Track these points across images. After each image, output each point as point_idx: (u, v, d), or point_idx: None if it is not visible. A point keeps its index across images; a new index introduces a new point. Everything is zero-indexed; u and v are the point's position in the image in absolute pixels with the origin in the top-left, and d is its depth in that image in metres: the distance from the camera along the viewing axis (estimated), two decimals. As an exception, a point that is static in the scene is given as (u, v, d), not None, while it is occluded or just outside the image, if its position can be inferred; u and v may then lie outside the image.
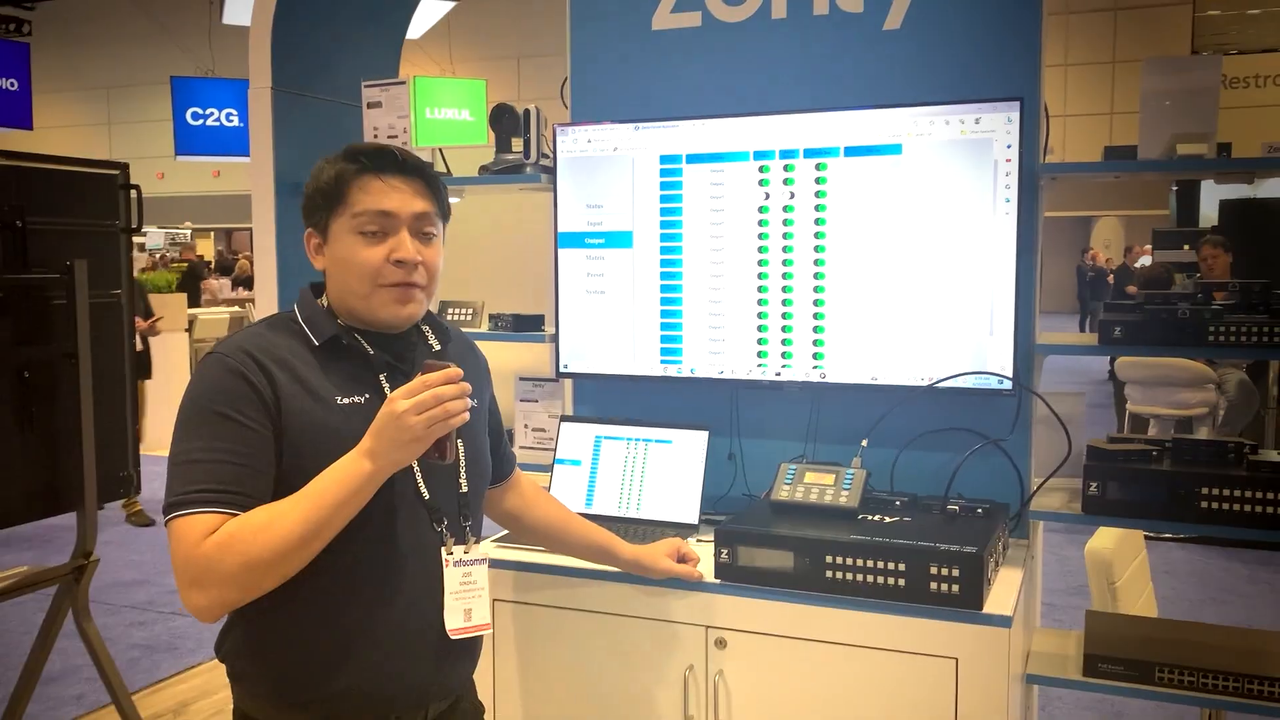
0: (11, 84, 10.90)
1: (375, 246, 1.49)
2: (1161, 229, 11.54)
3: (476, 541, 1.59)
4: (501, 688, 2.26)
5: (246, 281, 15.23)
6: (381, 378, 1.52)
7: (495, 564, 2.23)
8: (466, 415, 1.40)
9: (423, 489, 1.53)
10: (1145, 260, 14.12)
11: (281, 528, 1.35)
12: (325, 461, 1.40)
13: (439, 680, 1.57)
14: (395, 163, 1.52)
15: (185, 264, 14.25)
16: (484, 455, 1.69)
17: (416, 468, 1.51)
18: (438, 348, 1.62)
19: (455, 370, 1.39)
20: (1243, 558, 5.51)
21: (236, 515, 1.37)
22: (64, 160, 3.00)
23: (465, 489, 1.59)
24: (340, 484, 1.38)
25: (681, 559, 2.05)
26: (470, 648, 1.62)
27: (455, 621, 1.55)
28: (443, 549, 1.54)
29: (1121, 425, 6.66)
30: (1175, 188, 12.11)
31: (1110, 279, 15.36)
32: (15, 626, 4.55)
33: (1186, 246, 10.13)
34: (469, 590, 1.56)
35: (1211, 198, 11.14)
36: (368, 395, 1.49)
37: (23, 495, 2.79)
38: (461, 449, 1.58)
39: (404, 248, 1.49)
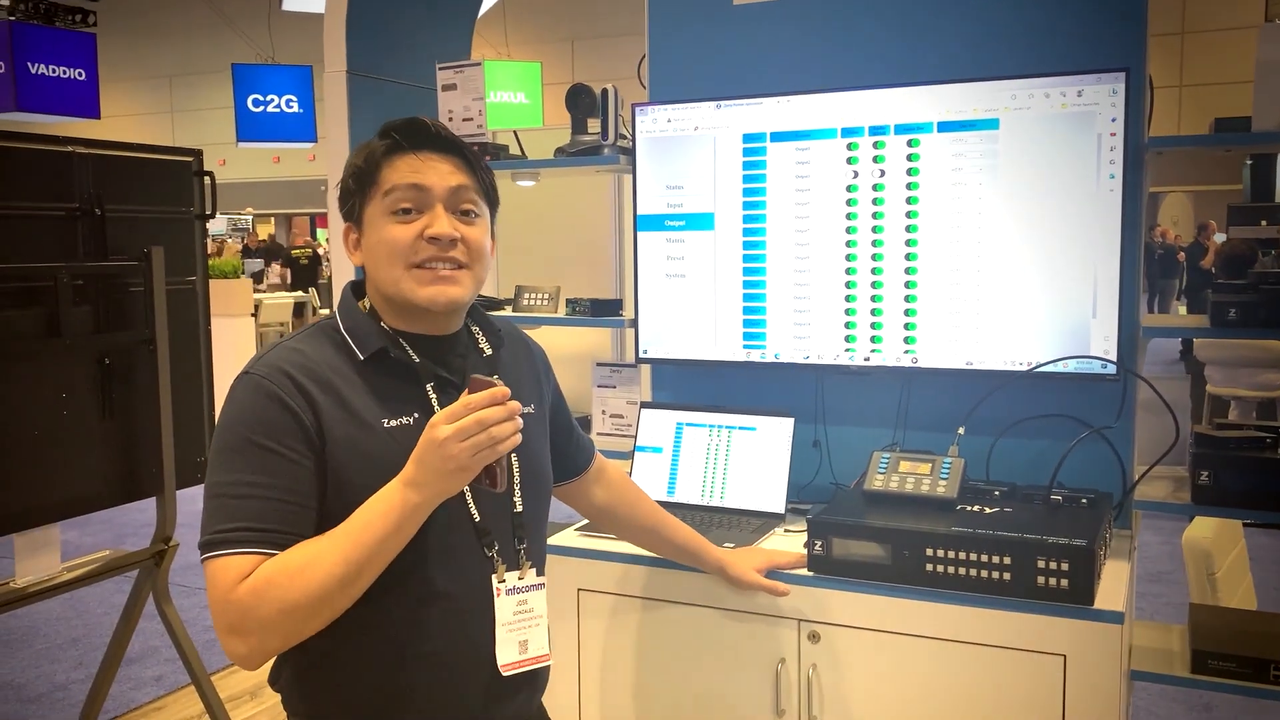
0: (79, 74, 11.10)
1: (408, 224, 1.35)
2: (1237, 204, 11.19)
3: (533, 566, 1.45)
4: (588, 679, 2.23)
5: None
6: (429, 389, 1.39)
7: (578, 553, 2.20)
8: (517, 439, 1.26)
9: (472, 510, 1.39)
10: (1220, 237, 13.71)
11: (320, 569, 1.23)
12: (373, 492, 1.28)
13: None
14: (428, 136, 1.38)
15: (307, 250, 14.38)
16: (543, 468, 1.55)
17: (466, 488, 1.37)
18: (489, 352, 1.48)
19: (502, 390, 1.24)
20: (1331, 545, 5.32)
21: (275, 555, 1.25)
22: (140, 148, 3.01)
23: (520, 508, 1.45)
24: (383, 518, 1.25)
25: (771, 574, 1.98)
26: (531, 678, 1.47)
27: (509, 655, 1.41)
28: (493, 576, 1.40)
29: (1199, 408, 6.46)
30: (1249, 162, 11.74)
31: (1181, 256, 14.93)
32: (94, 607, 4.64)
33: (1264, 222, 9.81)
34: (524, 620, 1.43)
35: (1289, 172, 10.79)
36: (416, 414, 1.36)
37: (104, 481, 2.82)
38: (516, 467, 1.45)
39: (438, 222, 1.35)
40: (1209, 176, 15.78)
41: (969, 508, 2.01)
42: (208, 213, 3.18)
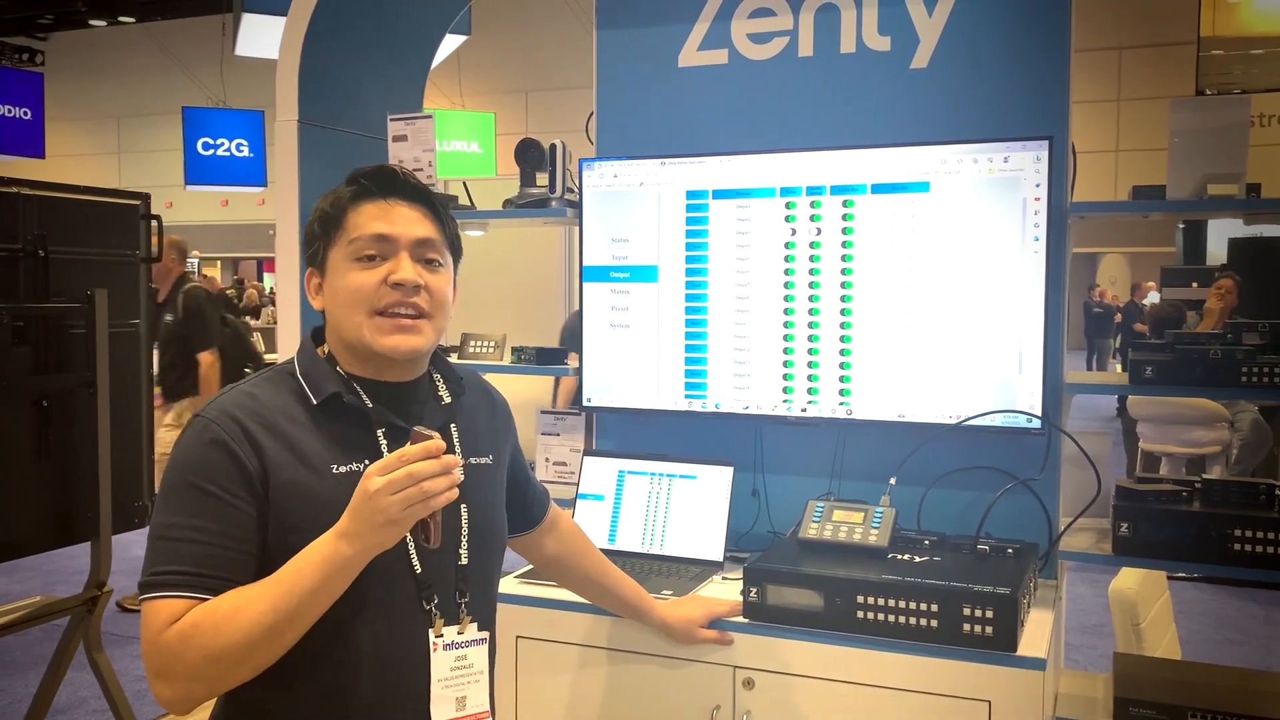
0: (25, 113, 11.00)
1: (372, 270, 1.36)
2: (1169, 266, 11.57)
3: (474, 620, 1.43)
4: (523, 726, 2.23)
5: (254, 311, 15.26)
6: (380, 434, 1.38)
7: (517, 600, 2.21)
8: (452, 494, 1.24)
9: (415, 563, 1.37)
10: (1153, 297, 14.14)
11: (247, 617, 1.22)
12: (316, 537, 1.26)
13: None
14: (396, 184, 1.40)
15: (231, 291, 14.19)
16: (495, 521, 1.53)
17: (409, 539, 1.35)
18: (448, 400, 1.48)
19: (437, 443, 1.23)
20: (1257, 598, 5.46)
21: (206, 600, 1.24)
22: (86, 190, 3.02)
23: (465, 561, 1.43)
24: (314, 568, 1.23)
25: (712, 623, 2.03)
26: None
27: (444, 712, 1.38)
28: (430, 631, 1.38)
29: (1133, 463, 6.63)
30: (1182, 225, 12.16)
31: (1118, 316, 15.37)
32: (20, 657, 4.51)
33: (1195, 284, 10.17)
34: (463, 675, 1.41)
35: (1218, 235, 11.20)
36: (366, 461, 1.33)
37: (37, 525, 2.78)
38: (465, 519, 1.44)
39: (402, 269, 1.36)
40: (1145, 239, 16.28)
41: (899, 556, 2.07)
42: (154, 256, 3.19)
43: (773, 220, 2.37)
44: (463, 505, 1.43)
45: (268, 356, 11.63)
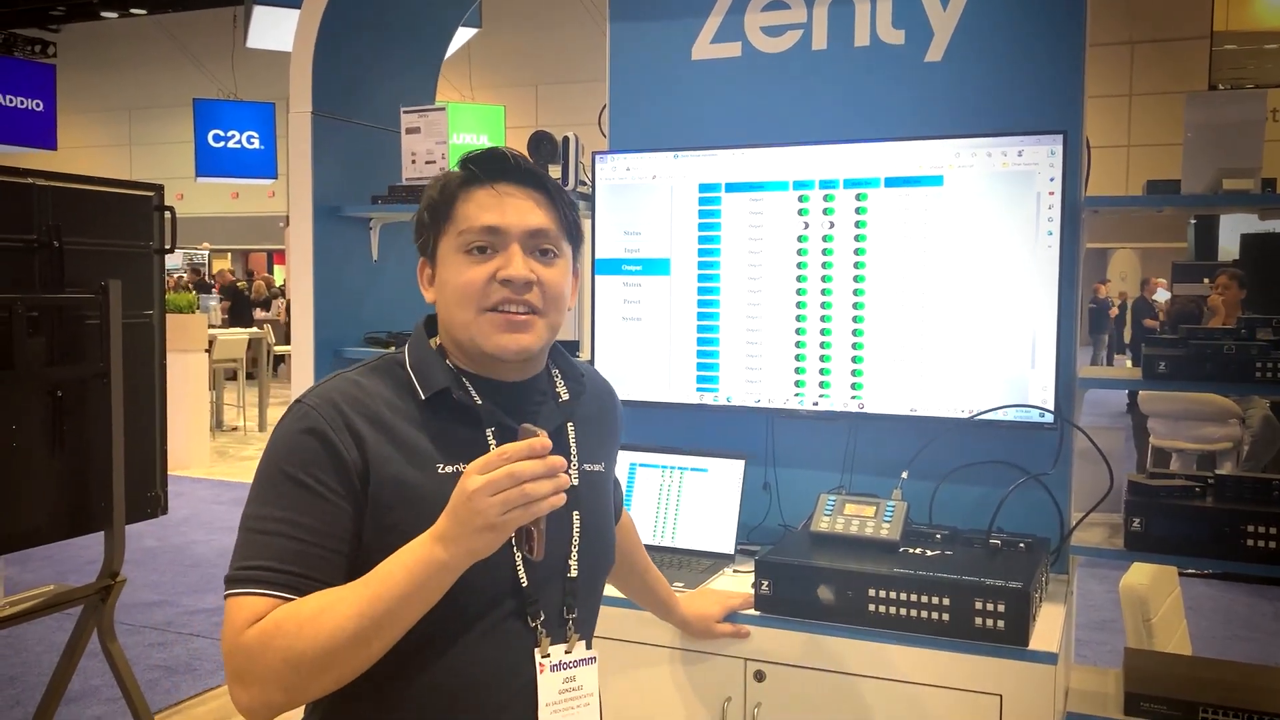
0: (37, 105, 11.04)
1: (481, 265, 1.26)
2: (1181, 262, 11.54)
3: (581, 638, 1.32)
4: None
5: (264, 303, 15.31)
6: (489, 434, 1.28)
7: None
8: (558, 500, 1.11)
9: (520, 574, 1.26)
10: (1162, 294, 14.11)
11: (331, 621, 1.11)
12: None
13: None
14: (506, 169, 1.29)
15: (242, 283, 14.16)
16: (606, 530, 1.41)
17: (515, 545, 1.24)
18: (565, 398, 1.38)
19: (542, 442, 1.11)
20: (1266, 594, 5.45)
21: (292, 600, 1.15)
22: (100, 181, 3.02)
23: (575, 573, 1.32)
24: (406, 571, 1.12)
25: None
26: None
27: None
28: (535, 650, 1.28)
29: (1143, 459, 6.62)
30: (1194, 221, 12.13)
31: (1113, 312, 15.39)
32: (33, 644, 4.54)
33: (1206, 280, 10.15)
34: (572, 698, 1.30)
35: (1229, 231, 11.17)
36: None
37: (52, 514, 2.79)
38: (577, 527, 1.33)
39: (513, 264, 1.25)
40: (1155, 234, 16.22)
41: (911, 550, 2.07)
42: (167, 247, 3.19)
43: (785, 213, 2.37)
44: (575, 513, 1.33)
45: (279, 349, 11.66)
